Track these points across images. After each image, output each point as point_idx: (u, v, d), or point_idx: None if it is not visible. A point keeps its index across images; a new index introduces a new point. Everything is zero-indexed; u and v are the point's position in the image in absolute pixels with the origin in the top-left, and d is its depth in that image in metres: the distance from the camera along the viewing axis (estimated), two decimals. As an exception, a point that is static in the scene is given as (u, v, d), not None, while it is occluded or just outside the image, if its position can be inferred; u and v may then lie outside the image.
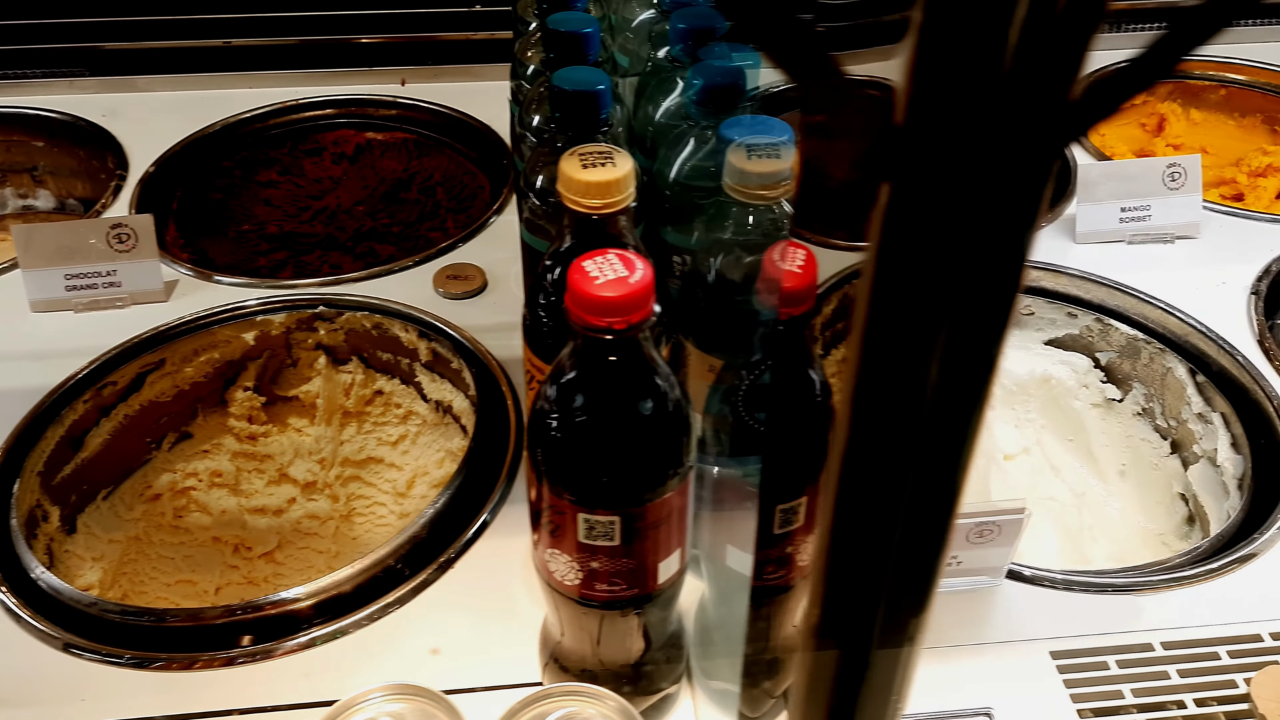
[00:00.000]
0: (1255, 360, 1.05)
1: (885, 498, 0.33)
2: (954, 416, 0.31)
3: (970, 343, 0.29)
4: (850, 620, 0.36)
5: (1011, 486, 1.15)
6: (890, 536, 0.34)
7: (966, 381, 0.31)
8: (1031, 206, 0.27)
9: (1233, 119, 1.58)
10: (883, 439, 0.32)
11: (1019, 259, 0.28)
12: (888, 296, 0.29)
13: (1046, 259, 1.19)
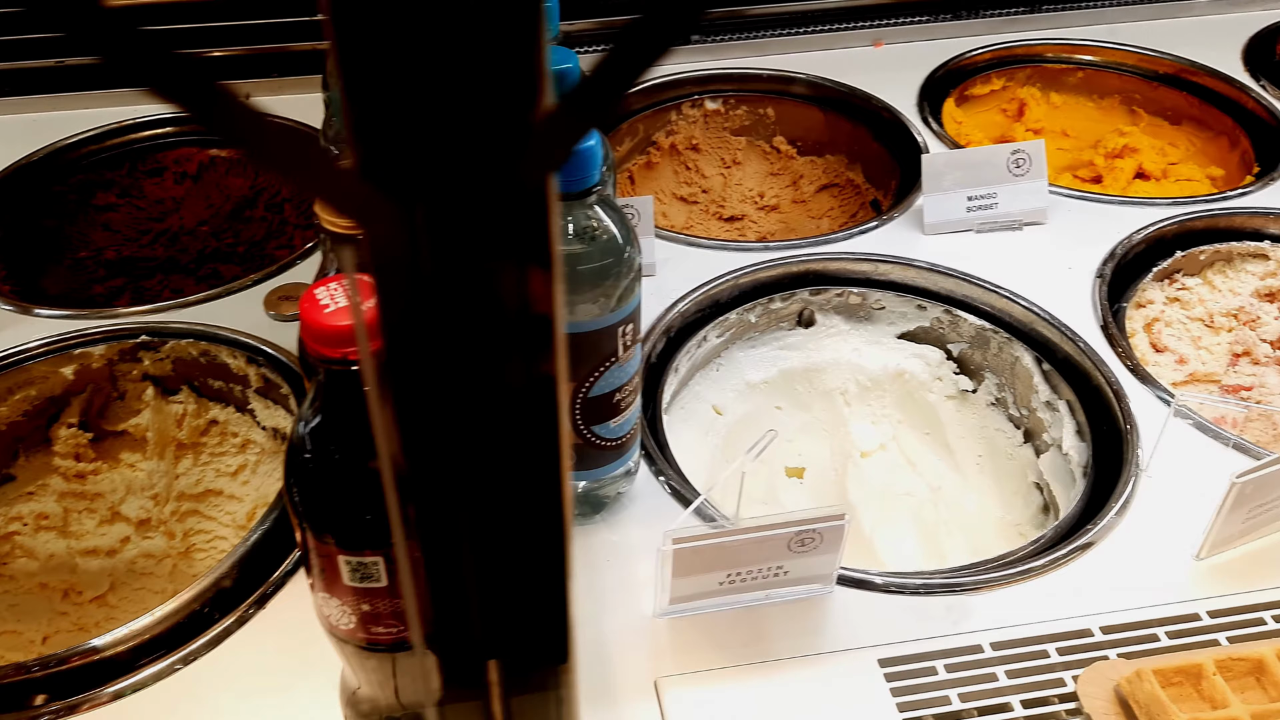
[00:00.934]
0: (1098, 346, 1.05)
1: (449, 552, 0.29)
2: (521, 456, 0.28)
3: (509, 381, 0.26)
4: (464, 674, 0.32)
5: (869, 484, 1.14)
6: (466, 591, 0.30)
7: (528, 416, 0.27)
8: (529, 231, 0.24)
9: (1092, 100, 1.59)
10: (434, 493, 0.28)
11: (539, 289, 0.25)
12: (396, 337, 0.25)
13: (896, 251, 1.18)
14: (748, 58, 1.56)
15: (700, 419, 1.16)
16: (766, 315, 1.17)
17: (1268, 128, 1.40)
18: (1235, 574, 0.82)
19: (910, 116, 1.41)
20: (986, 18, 1.60)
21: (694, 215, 1.56)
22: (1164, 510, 0.88)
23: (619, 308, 0.74)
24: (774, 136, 1.55)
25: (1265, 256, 1.22)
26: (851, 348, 1.19)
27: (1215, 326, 1.22)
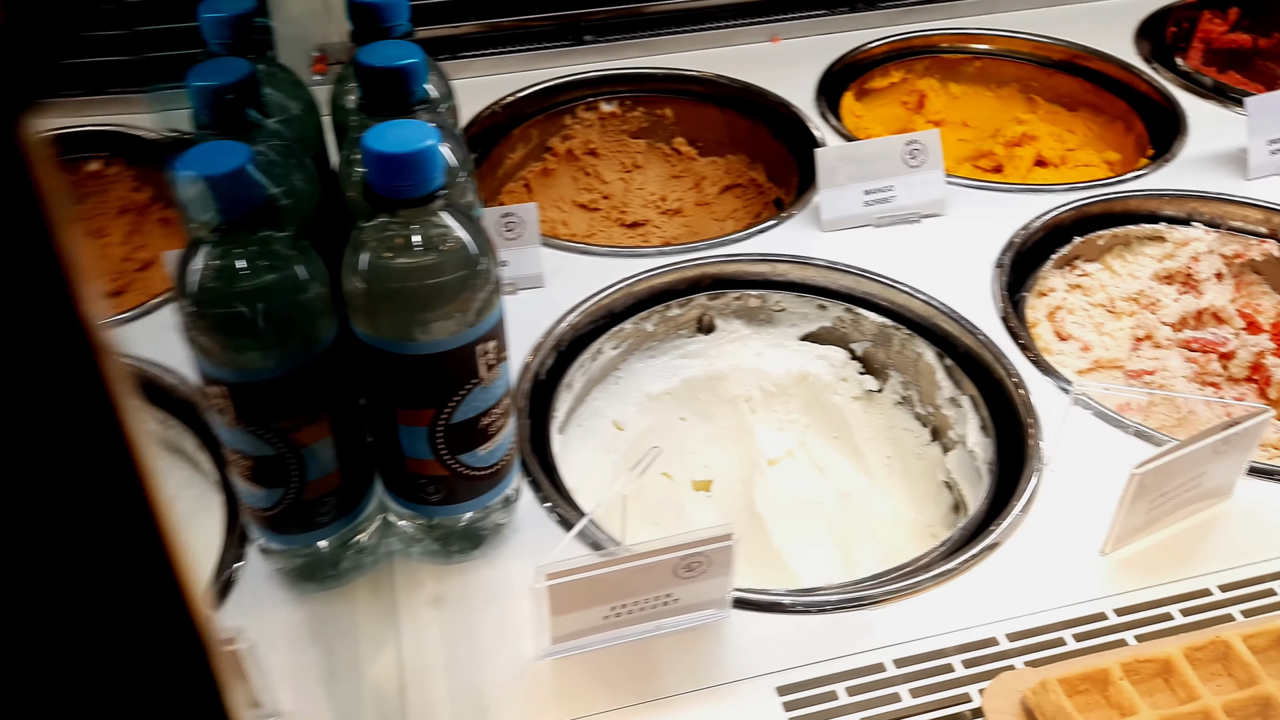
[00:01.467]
0: (998, 338, 1.02)
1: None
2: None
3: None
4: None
5: (777, 494, 1.10)
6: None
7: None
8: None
9: (990, 90, 1.58)
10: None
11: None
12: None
13: (796, 250, 1.14)
14: (643, 57, 1.52)
15: (600, 436, 1.11)
16: (664, 323, 1.12)
17: (1161, 110, 1.39)
18: (1142, 568, 0.79)
19: (808, 112, 1.38)
20: (883, 9, 1.58)
21: (596, 222, 1.51)
22: (1068, 505, 0.85)
23: (477, 324, 0.68)
24: (674, 138, 1.51)
25: (1162, 239, 1.21)
26: (754, 352, 1.15)
27: (1117, 311, 1.21)
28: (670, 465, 1.13)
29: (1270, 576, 0.77)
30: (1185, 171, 1.25)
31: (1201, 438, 0.76)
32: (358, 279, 0.65)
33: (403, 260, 0.64)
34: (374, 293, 0.65)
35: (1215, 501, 0.84)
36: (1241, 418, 0.78)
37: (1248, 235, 1.19)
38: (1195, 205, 1.21)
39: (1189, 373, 1.14)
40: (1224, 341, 1.16)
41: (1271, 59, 1.70)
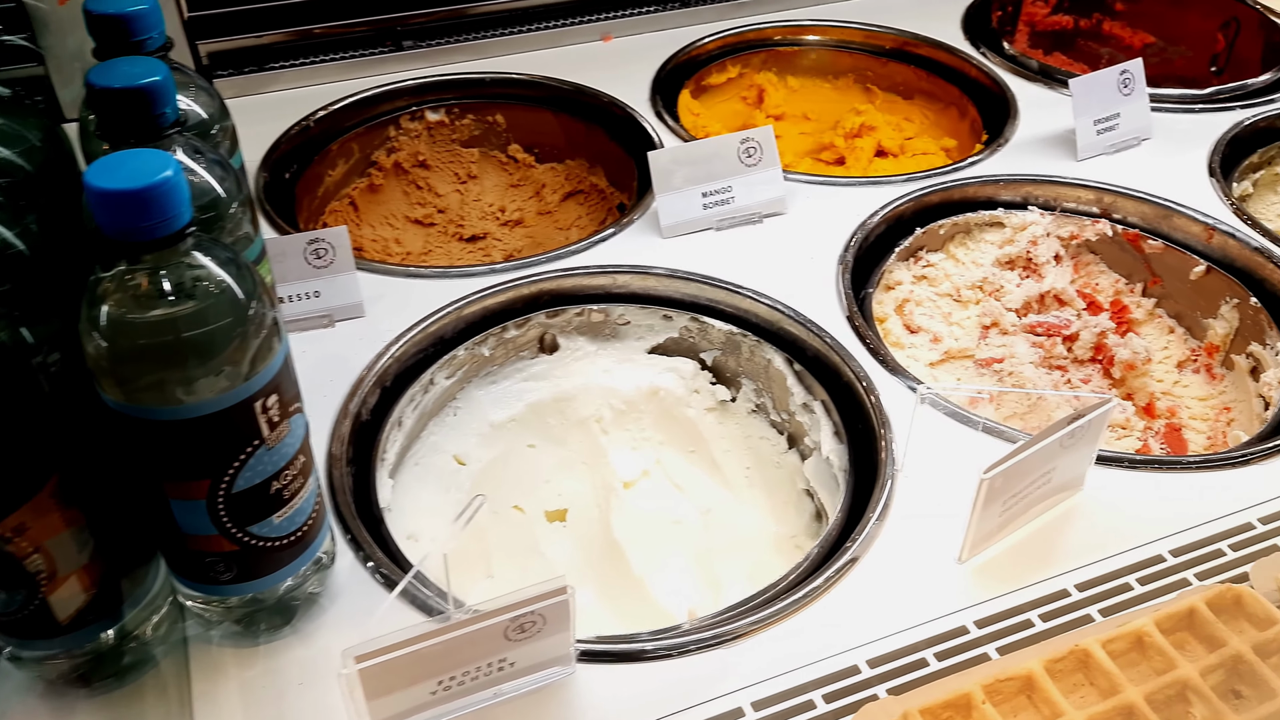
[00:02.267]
0: (845, 339, 0.98)
1: None
2: None
3: None
4: None
5: (635, 518, 1.04)
6: None
7: None
8: None
9: (828, 81, 1.57)
10: None
11: None
12: None
13: (639, 259, 1.09)
14: (470, 61, 1.44)
15: (440, 473, 1.02)
16: (502, 346, 1.04)
17: (991, 95, 1.40)
18: (1000, 574, 0.76)
19: (644, 112, 1.33)
20: (717, 3, 1.54)
21: (432, 238, 1.42)
22: (923, 511, 0.82)
23: (253, 377, 0.59)
24: (509, 145, 1.44)
25: (1001, 224, 1.20)
26: (601, 369, 1.08)
27: (963, 300, 1.20)
28: (521, 497, 1.06)
29: (1125, 570, 0.76)
30: (1018, 155, 1.25)
31: (1047, 435, 0.74)
32: (98, 338, 0.55)
33: (151, 313, 0.55)
34: (119, 353, 0.55)
35: (1067, 495, 0.82)
36: (1086, 409, 0.76)
37: (1081, 216, 1.20)
38: (1030, 189, 1.21)
39: (1035, 358, 1.13)
40: (1067, 324, 1.16)
41: (1093, 39, 1.75)
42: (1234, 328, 1.11)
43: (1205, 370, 1.14)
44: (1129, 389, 1.14)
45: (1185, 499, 0.82)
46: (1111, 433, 1.09)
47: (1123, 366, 1.13)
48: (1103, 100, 1.24)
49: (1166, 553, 0.77)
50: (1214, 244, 1.14)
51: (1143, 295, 1.20)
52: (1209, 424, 1.10)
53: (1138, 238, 1.18)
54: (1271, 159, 1.34)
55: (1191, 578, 0.75)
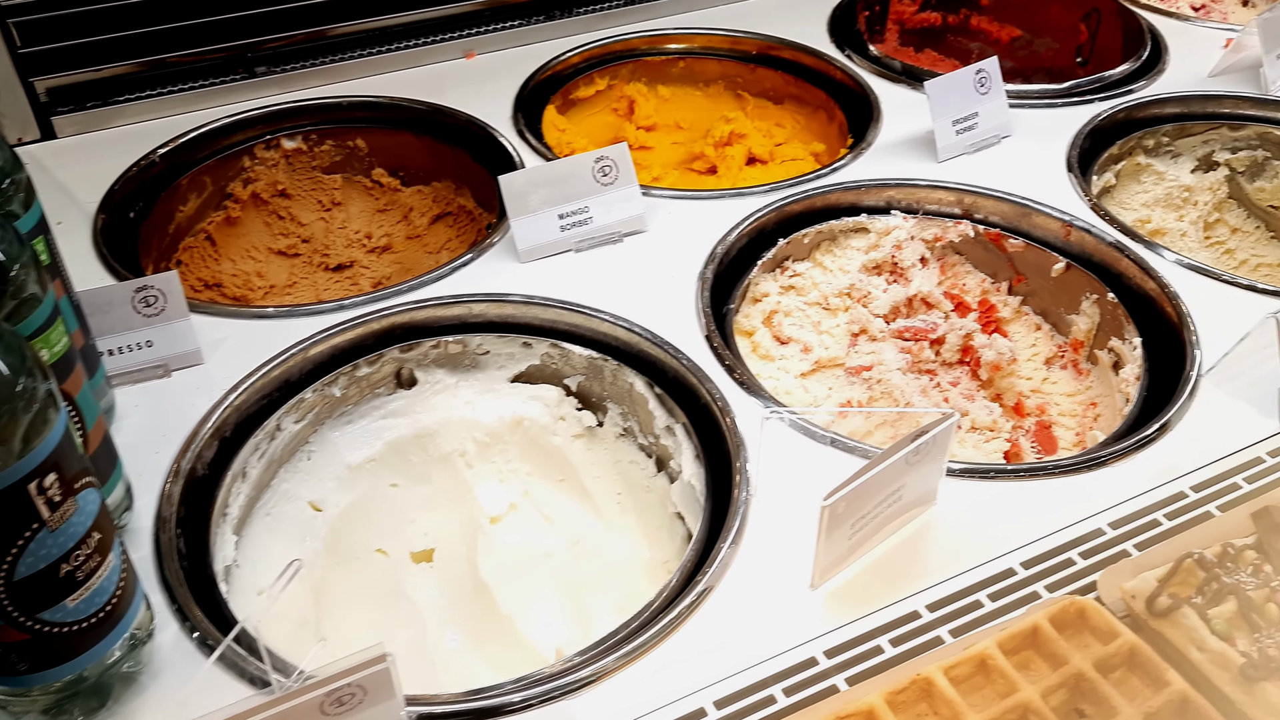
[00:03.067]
0: (704, 360, 0.97)
1: None
2: None
3: None
4: None
5: (503, 553, 1.01)
6: None
7: None
8: None
9: (699, 89, 1.55)
10: None
11: None
12: None
13: (498, 285, 1.06)
14: (327, 85, 1.39)
15: (295, 522, 0.98)
16: (355, 385, 1.00)
17: (856, 97, 1.40)
18: (852, 598, 0.75)
19: (505, 131, 1.29)
20: (581, 15, 1.52)
21: (297, 269, 1.37)
22: (776, 536, 0.80)
23: (24, 456, 0.55)
24: (372, 169, 1.39)
25: (866, 230, 1.20)
26: (463, 402, 1.05)
27: (832, 308, 1.19)
28: (385, 539, 1.02)
29: (976, 587, 0.75)
30: (882, 158, 1.25)
31: (888, 455, 0.73)
32: None
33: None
34: None
35: (921, 510, 0.82)
36: (929, 426, 0.76)
37: (944, 218, 1.20)
38: (892, 193, 1.21)
39: (903, 363, 1.13)
40: (933, 328, 1.16)
41: (962, 34, 1.77)
42: (1096, 323, 1.12)
43: (1072, 366, 1.15)
44: (997, 389, 1.15)
45: (1037, 507, 0.82)
46: (980, 435, 1.10)
47: (989, 368, 1.13)
48: (960, 100, 1.24)
49: (1018, 565, 0.77)
50: (1072, 240, 1.15)
51: (1009, 293, 1.21)
52: (1077, 420, 1.12)
53: (999, 237, 1.18)
54: (1132, 149, 1.37)
55: (1042, 590, 0.75)
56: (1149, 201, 1.39)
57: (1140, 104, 1.36)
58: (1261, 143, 1.37)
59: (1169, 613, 0.67)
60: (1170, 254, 1.10)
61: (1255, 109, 1.37)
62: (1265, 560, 0.70)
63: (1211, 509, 0.80)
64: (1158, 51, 1.47)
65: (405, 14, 1.43)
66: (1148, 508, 0.81)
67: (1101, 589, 0.73)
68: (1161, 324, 1.05)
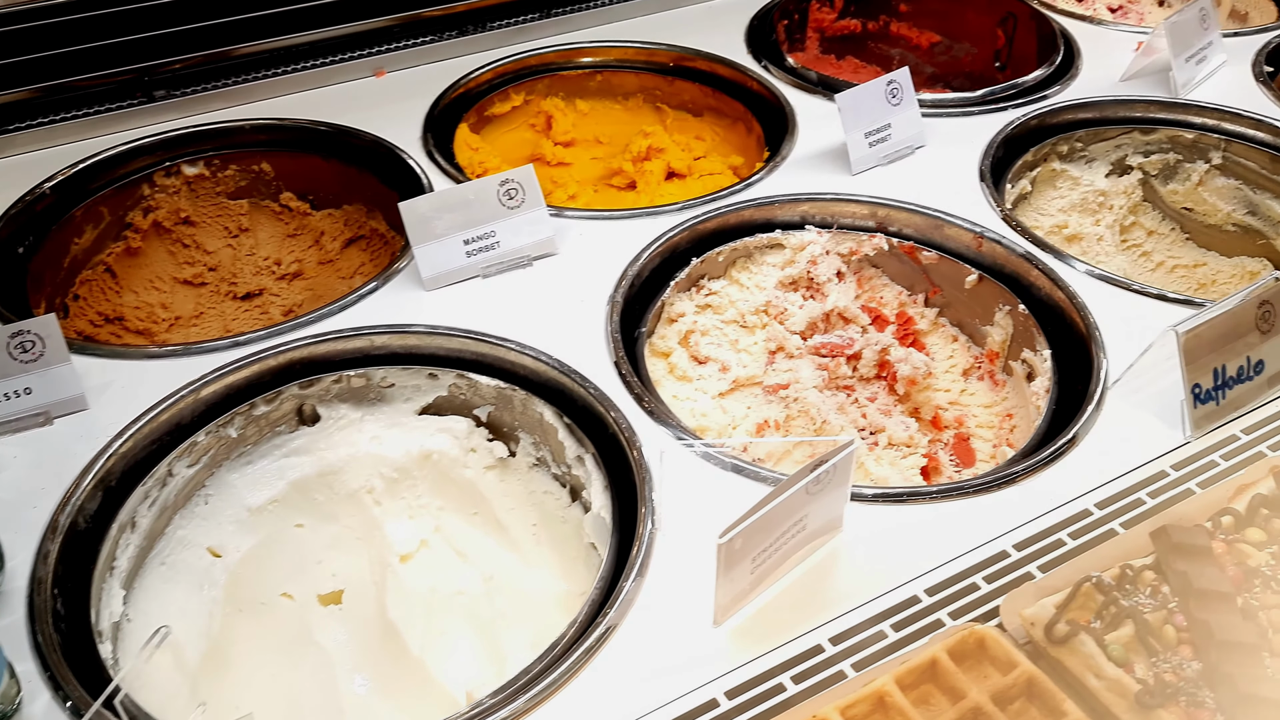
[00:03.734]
0: (612, 388, 0.95)
1: None
2: None
3: None
4: None
5: (413, 593, 0.98)
6: None
7: None
8: None
9: (618, 102, 1.53)
10: None
11: None
12: None
13: (403, 315, 1.03)
14: (232, 107, 1.34)
15: (193, 570, 0.94)
16: (253, 424, 0.97)
17: (772, 109, 1.39)
18: (756, 634, 0.74)
19: (414, 152, 1.26)
20: (495, 30, 1.49)
21: (204, 299, 1.33)
22: (680, 570, 0.79)
23: None
24: (280, 194, 1.35)
25: (781, 246, 1.19)
26: (369, 437, 1.02)
27: (749, 326, 1.18)
28: (290, 582, 0.99)
29: (879, 617, 0.74)
30: (797, 172, 1.24)
31: (785, 488, 0.71)
32: None
33: None
34: None
35: (827, 537, 0.80)
36: (828, 455, 0.74)
37: (858, 231, 1.20)
38: (806, 208, 1.20)
39: (819, 380, 1.12)
40: (849, 343, 1.15)
41: (883, 41, 1.77)
42: (1009, 334, 1.12)
43: (989, 377, 1.15)
44: (915, 403, 1.14)
45: (945, 530, 0.81)
46: (896, 451, 1.09)
47: (905, 382, 1.12)
48: (872, 112, 1.24)
49: (922, 593, 0.76)
50: (984, 251, 1.15)
51: (925, 305, 1.20)
52: (994, 431, 1.11)
53: (913, 249, 1.18)
54: (1046, 155, 1.37)
55: (946, 617, 0.74)
56: (1065, 207, 1.40)
57: (1053, 110, 1.36)
58: (1173, 146, 1.39)
59: (1067, 640, 0.66)
60: (1081, 264, 1.10)
61: (1166, 112, 1.38)
62: (1163, 580, 0.70)
63: (1115, 526, 0.80)
64: (1071, 56, 1.48)
65: (312, 32, 1.39)
66: (1052, 527, 0.80)
67: (1004, 615, 0.72)
68: (1071, 335, 1.05)
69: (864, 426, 1.11)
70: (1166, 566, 0.70)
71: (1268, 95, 1.39)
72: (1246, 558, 0.72)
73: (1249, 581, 0.70)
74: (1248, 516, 0.75)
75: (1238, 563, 0.71)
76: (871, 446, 1.08)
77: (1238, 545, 0.73)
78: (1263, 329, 0.90)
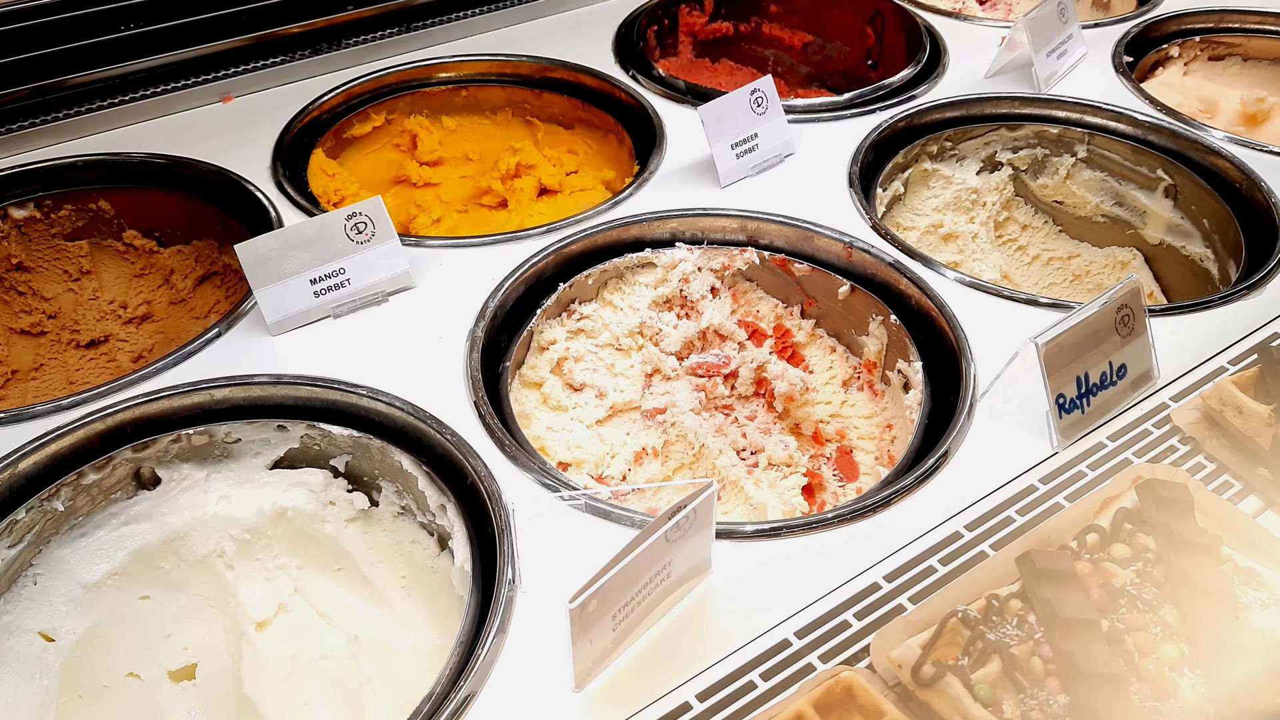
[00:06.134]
0: (471, 433, 0.90)
1: None
2: None
3: None
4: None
5: (271, 663, 0.92)
6: None
7: None
8: None
9: (487, 118, 1.48)
10: None
11: None
12: None
13: (246, 363, 0.96)
14: (61, 143, 1.25)
15: (23, 657, 0.86)
16: (83, 494, 0.89)
17: (641, 120, 1.35)
18: (619, 696, 0.70)
19: (263, 183, 1.19)
20: (351, 47, 1.42)
21: (44, 349, 1.24)
22: (542, 629, 0.74)
23: None
24: (123, 232, 1.26)
25: (652, 264, 1.15)
26: (216, 497, 0.95)
27: (624, 349, 1.14)
28: (136, 661, 0.92)
29: (748, 667, 0.71)
30: (665, 187, 1.21)
31: (639, 543, 0.68)
32: None
33: None
34: None
35: (696, 580, 0.77)
36: (686, 500, 0.71)
37: (730, 246, 1.17)
38: (675, 224, 1.16)
39: (696, 403, 1.09)
40: (725, 362, 1.12)
41: (755, 42, 1.74)
42: (884, 344, 1.10)
43: (868, 387, 1.14)
44: (795, 419, 1.12)
45: (816, 563, 0.79)
46: (777, 472, 1.07)
47: (783, 399, 1.10)
48: (737, 123, 1.21)
49: (792, 636, 0.73)
50: (854, 261, 1.13)
51: (802, 317, 1.18)
52: (875, 442, 1.10)
53: (785, 262, 1.15)
54: (917, 156, 1.36)
55: (816, 660, 0.71)
56: (939, 206, 1.40)
57: (920, 110, 1.35)
58: (1039, 140, 1.40)
59: (934, 682, 0.64)
60: (950, 273, 1.09)
61: (1030, 108, 1.39)
62: (1029, 609, 0.68)
63: (985, 548, 0.78)
64: (937, 54, 1.48)
65: (151, 58, 1.30)
66: (922, 554, 0.78)
67: (873, 655, 0.70)
68: (942, 344, 1.03)
69: (744, 447, 1.08)
70: (1032, 594, 0.68)
71: (1127, 86, 1.40)
72: (1112, 576, 0.71)
73: (1114, 603, 0.69)
74: (1112, 533, 0.74)
75: (1103, 583, 0.70)
76: (751, 469, 1.05)
77: (1103, 564, 0.72)
78: (1123, 333, 0.90)
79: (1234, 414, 0.86)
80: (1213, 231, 1.28)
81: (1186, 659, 0.66)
